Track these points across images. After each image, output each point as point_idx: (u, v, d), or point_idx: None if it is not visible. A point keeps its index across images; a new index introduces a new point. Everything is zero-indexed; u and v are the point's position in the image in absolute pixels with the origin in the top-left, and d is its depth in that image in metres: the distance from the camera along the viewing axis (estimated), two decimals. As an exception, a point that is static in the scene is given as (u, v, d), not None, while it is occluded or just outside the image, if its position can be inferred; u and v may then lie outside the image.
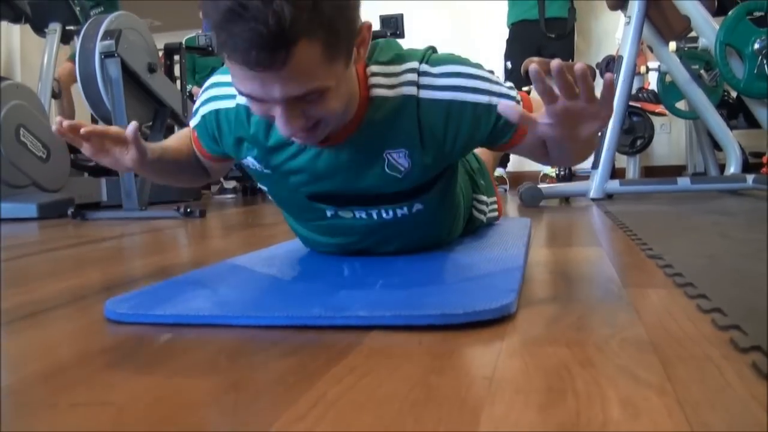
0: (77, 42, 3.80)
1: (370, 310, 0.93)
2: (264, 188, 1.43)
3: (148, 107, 4.00)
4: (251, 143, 1.27)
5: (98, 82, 3.63)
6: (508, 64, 4.60)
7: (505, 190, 4.78)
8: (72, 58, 4.24)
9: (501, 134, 1.25)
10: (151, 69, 3.82)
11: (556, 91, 0.94)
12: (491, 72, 1.26)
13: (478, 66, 1.26)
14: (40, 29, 5.22)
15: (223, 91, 1.27)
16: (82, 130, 1.17)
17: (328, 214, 1.38)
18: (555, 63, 0.89)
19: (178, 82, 4.44)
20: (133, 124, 1.21)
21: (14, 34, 6.29)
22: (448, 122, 1.21)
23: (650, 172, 5.44)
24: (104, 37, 3.56)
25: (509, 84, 1.26)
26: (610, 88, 0.95)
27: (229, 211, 3.99)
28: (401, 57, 1.23)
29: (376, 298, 1.03)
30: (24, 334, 1.00)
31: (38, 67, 5.24)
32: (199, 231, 2.68)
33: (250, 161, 1.31)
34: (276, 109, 1.00)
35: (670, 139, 5.68)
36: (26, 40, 6.22)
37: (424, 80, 1.20)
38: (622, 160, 4.95)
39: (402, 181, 1.28)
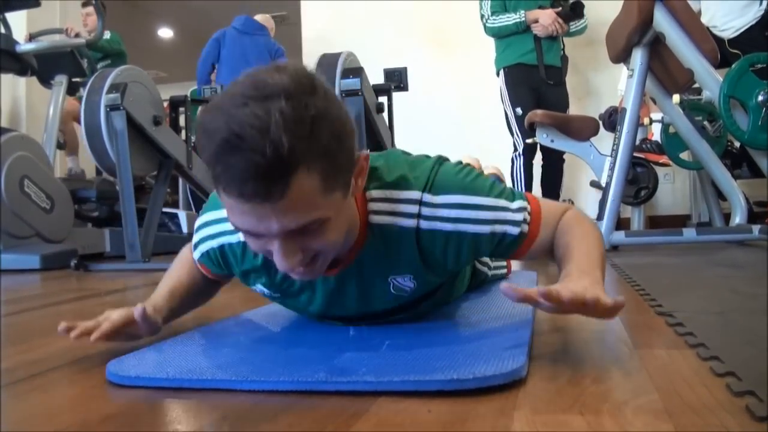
0: (83, 94, 3.83)
1: (378, 374, 0.92)
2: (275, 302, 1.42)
3: (152, 159, 4.02)
4: (258, 275, 1.26)
5: (103, 134, 3.65)
6: (518, 110, 4.57)
7: None
8: (80, 98, 4.26)
9: (505, 252, 1.24)
10: (156, 122, 3.84)
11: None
12: (501, 192, 1.22)
13: (487, 189, 1.21)
14: (46, 81, 5.27)
15: (221, 227, 1.25)
16: (92, 338, 1.15)
17: (338, 324, 1.37)
18: (544, 301, 0.93)
19: (183, 132, 4.46)
20: (138, 310, 1.19)
21: (20, 84, 6.34)
22: (447, 249, 1.19)
23: (655, 222, 5.43)
24: (110, 91, 3.59)
25: (517, 204, 1.21)
26: (616, 309, 0.96)
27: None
28: (404, 182, 1.18)
29: (382, 361, 1.01)
30: (25, 398, 0.98)
31: (44, 118, 5.28)
32: (202, 284, 2.65)
33: (258, 288, 1.30)
34: (273, 244, 0.97)
35: (674, 189, 5.68)
36: (32, 90, 6.27)
37: (426, 211, 1.16)
38: (626, 210, 4.94)
39: (409, 296, 1.28)
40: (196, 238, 1.34)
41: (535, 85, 4.68)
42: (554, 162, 4.82)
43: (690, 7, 3.37)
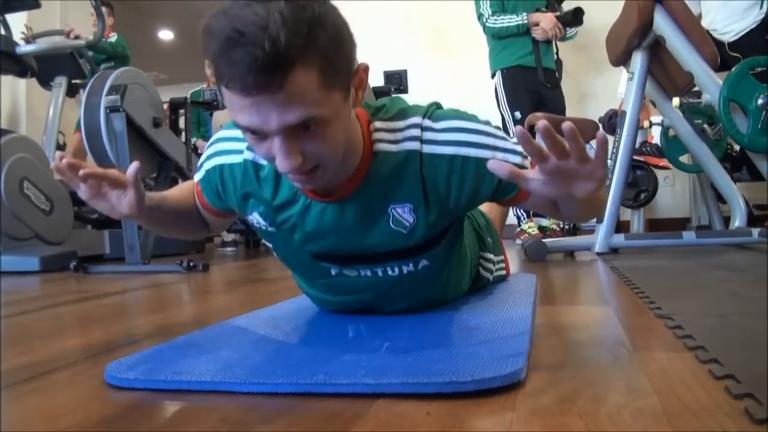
0: (83, 96, 3.83)
1: (376, 377, 0.92)
2: (269, 245, 1.42)
3: (152, 161, 4.02)
4: (258, 199, 1.27)
5: (103, 135, 3.64)
6: (517, 114, 4.54)
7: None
8: (79, 129, 4.27)
9: (506, 189, 1.24)
10: (156, 123, 3.84)
11: (547, 150, 0.93)
12: (498, 128, 1.26)
13: (484, 122, 1.26)
14: (45, 83, 5.27)
15: (230, 145, 1.28)
16: (81, 172, 1.16)
17: (333, 272, 1.38)
18: (541, 124, 0.89)
19: (183, 134, 4.46)
20: (134, 165, 1.20)
21: (20, 86, 6.34)
22: (450, 177, 1.21)
23: (654, 225, 5.43)
24: (110, 92, 3.59)
25: (515, 139, 1.24)
26: (603, 147, 0.96)
27: (233, 265, 3.98)
28: (404, 112, 1.24)
29: (381, 363, 1.01)
30: (24, 400, 0.98)
31: (44, 120, 5.28)
32: (202, 286, 2.67)
33: (255, 217, 1.31)
34: (275, 144, 1.00)
35: (673, 192, 5.68)
36: (32, 92, 6.27)
37: (427, 135, 1.21)
38: (626, 213, 4.94)
39: (407, 237, 1.28)
40: (202, 157, 1.37)
41: (533, 87, 4.65)
42: None
43: (690, 10, 3.37)
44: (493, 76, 4.82)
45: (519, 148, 1.23)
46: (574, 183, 0.97)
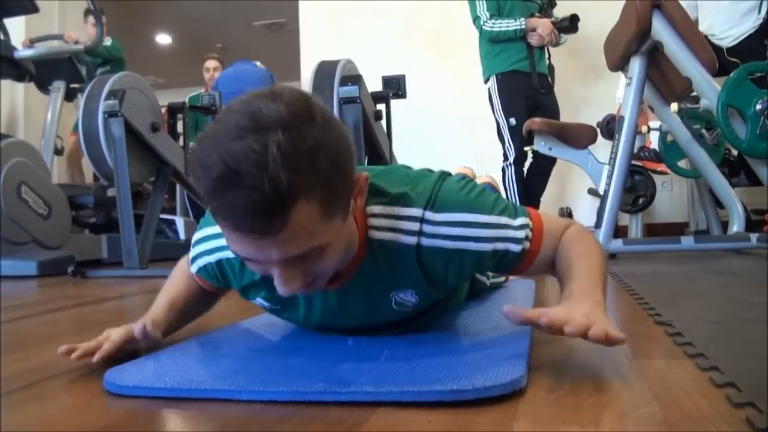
0: (81, 101, 3.83)
1: (376, 385, 0.91)
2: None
3: (150, 165, 4.01)
4: (259, 288, 1.25)
5: (101, 140, 3.65)
6: (512, 120, 4.54)
7: None
8: (76, 130, 4.27)
9: (506, 268, 1.23)
10: (154, 128, 3.84)
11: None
12: (504, 209, 1.21)
13: (490, 206, 1.20)
14: (44, 87, 5.27)
15: (218, 242, 1.23)
16: (95, 359, 1.15)
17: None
18: (543, 323, 0.94)
19: (181, 139, 4.46)
20: (138, 327, 1.20)
21: (18, 90, 6.34)
22: (448, 267, 1.18)
23: (652, 230, 5.43)
24: (108, 97, 3.59)
25: (519, 221, 1.20)
26: (615, 342, 0.95)
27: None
28: (405, 198, 1.17)
29: (381, 371, 1.00)
30: (22, 408, 0.97)
31: (42, 124, 5.28)
32: (200, 291, 2.65)
33: (259, 301, 1.30)
34: (273, 268, 0.97)
35: (671, 197, 5.68)
36: (30, 96, 6.28)
37: (427, 228, 1.15)
38: (624, 218, 4.94)
39: (411, 312, 1.27)
40: (193, 252, 1.33)
41: (527, 93, 4.64)
42: (544, 170, 4.79)
43: (688, 15, 3.38)
44: (486, 81, 4.81)
45: (520, 234, 1.19)
46: None
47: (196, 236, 1.32)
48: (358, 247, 1.14)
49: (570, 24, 4.63)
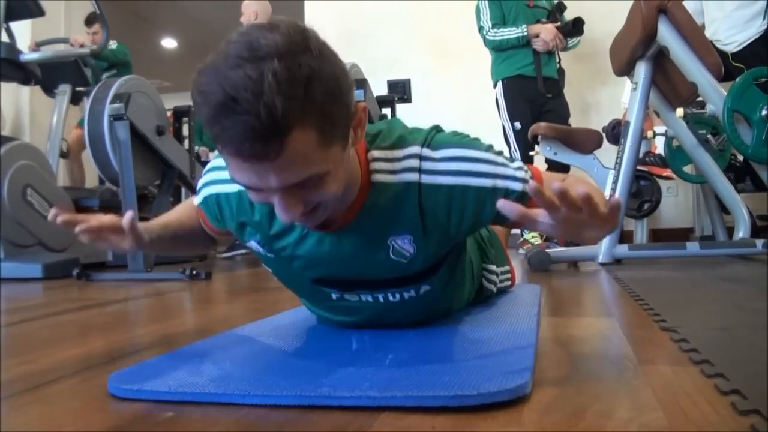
0: (87, 104, 3.83)
1: (381, 389, 0.91)
2: (269, 269, 1.41)
3: (155, 168, 4.02)
4: (254, 228, 1.27)
5: (106, 143, 3.65)
6: (517, 124, 4.54)
7: None
8: (81, 124, 4.29)
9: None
10: (160, 131, 3.84)
11: (557, 202, 0.92)
12: (500, 152, 1.24)
13: (485, 147, 1.23)
14: (49, 90, 5.28)
15: (224, 174, 1.26)
16: (76, 229, 1.20)
17: (334, 296, 1.37)
18: (555, 186, 0.89)
19: (186, 142, 4.47)
20: (128, 215, 1.22)
21: (23, 93, 6.36)
22: (450, 207, 1.19)
23: (658, 235, 5.42)
24: (113, 100, 3.59)
25: (517, 164, 1.23)
26: (615, 210, 0.95)
27: (235, 273, 3.97)
28: (403, 140, 1.21)
29: (386, 375, 1.00)
30: (26, 411, 0.97)
31: (47, 127, 5.29)
32: (204, 295, 2.66)
33: (253, 244, 1.31)
34: (274, 196, 0.99)
35: (677, 202, 5.67)
36: (35, 99, 6.29)
37: (426, 165, 1.18)
38: (629, 224, 4.93)
39: (408, 266, 1.27)
40: (199, 183, 1.36)
41: (533, 97, 4.65)
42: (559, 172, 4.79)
43: (694, 20, 3.38)
44: (494, 86, 4.83)
45: (520, 174, 1.21)
46: (583, 231, 0.98)
47: (206, 168, 1.36)
48: (360, 190, 1.17)
49: (574, 28, 4.63)
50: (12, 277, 3.62)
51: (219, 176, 1.29)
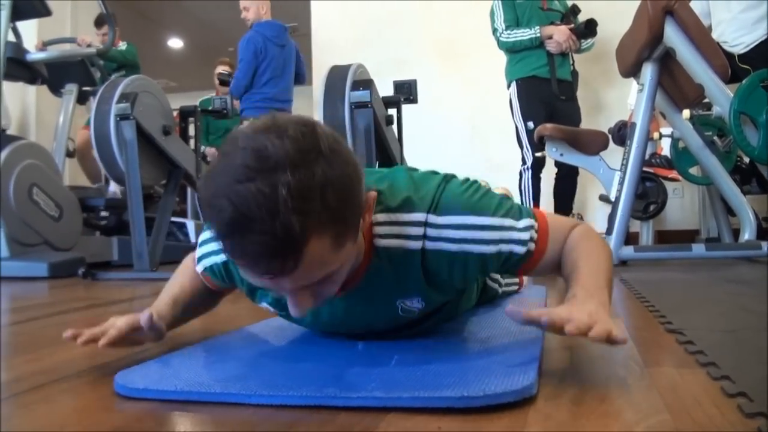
0: (93, 103, 3.84)
1: (387, 390, 0.91)
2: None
3: (161, 168, 4.03)
4: (265, 292, 1.25)
5: (113, 143, 3.66)
6: (530, 124, 4.56)
7: None
8: (88, 125, 4.29)
9: (511, 269, 1.23)
10: (166, 131, 3.85)
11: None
12: (509, 210, 1.20)
13: (493, 208, 1.19)
14: (56, 90, 5.29)
15: None
16: (99, 345, 1.16)
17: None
18: (569, 329, 0.92)
19: (192, 141, 4.47)
20: (145, 316, 1.19)
21: (30, 93, 6.37)
22: (452, 270, 1.18)
23: (663, 237, 5.41)
24: (120, 100, 3.60)
25: (524, 223, 1.19)
26: (619, 342, 0.94)
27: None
28: (409, 203, 1.17)
29: (392, 376, 1.00)
30: (32, 409, 0.97)
31: (53, 127, 5.30)
32: (210, 294, 2.65)
33: (264, 305, 1.30)
34: (286, 293, 0.98)
35: (683, 204, 5.66)
36: (42, 99, 6.30)
37: (431, 232, 1.15)
38: (635, 225, 4.92)
39: (417, 315, 1.27)
40: (199, 252, 1.33)
41: (547, 99, 4.69)
42: (569, 174, 4.82)
43: (701, 21, 3.37)
44: (508, 86, 4.87)
45: (525, 236, 1.18)
46: None
47: (202, 236, 1.33)
48: (364, 256, 1.14)
49: (586, 29, 4.66)
50: (18, 276, 3.63)
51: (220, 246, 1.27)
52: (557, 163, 4.71)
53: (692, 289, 2.39)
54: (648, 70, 3.53)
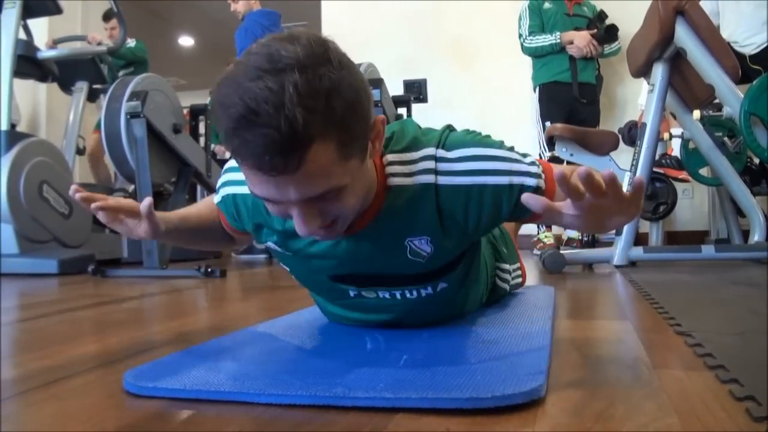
0: (103, 101, 3.86)
1: (395, 391, 0.91)
2: (286, 268, 1.42)
3: (171, 166, 4.04)
4: (270, 229, 1.27)
5: (123, 141, 3.68)
6: (548, 124, 4.62)
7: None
8: (99, 129, 4.30)
9: (524, 209, 1.23)
10: (176, 129, 3.86)
11: (582, 188, 0.93)
12: (511, 148, 1.24)
13: (498, 144, 1.23)
14: (66, 87, 5.31)
15: (241, 176, 1.25)
16: (93, 205, 1.21)
17: (351, 294, 1.37)
18: (582, 170, 0.89)
19: (202, 139, 4.48)
20: (147, 200, 1.23)
21: (40, 90, 6.39)
22: (468, 207, 1.19)
23: (673, 238, 5.40)
24: (130, 98, 3.62)
25: (530, 159, 1.23)
26: (639, 190, 0.95)
27: (250, 272, 3.98)
28: (417, 142, 1.21)
29: (400, 376, 1.00)
30: (41, 406, 0.98)
31: (64, 124, 5.31)
32: (219, 292, 2.67)
33: (270, 244, 1.31)
34: (292, 209, 0.99)
35: (692, 205, 5.64)
36: (52, 96, 6.32)
37: (442, 166, 1.18)
38: (644, 226, 4.91)
39: (425, 265, 1.27)
40: (218, 182, 1.37)
41: (567, 102, 4.79)
42: None
43: (711, 22, 3.36)
44: (534, 90, 5.05)
45: (534, 169, 1.20)
46: (608, 218, 0.99)
47: (224, 168, 1.36)
48: (376, 194, 1.17)
49: (606, 34, 4.75)
50: (28, 273, 3.64)
51: (236, 177, 1.29)
52: (569, 163, 4.73)
53: (701, 290, 2.38)
54: (659, 71, 3.52)
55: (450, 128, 1.27)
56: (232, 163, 1.33)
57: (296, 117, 0.86)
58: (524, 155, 1.24)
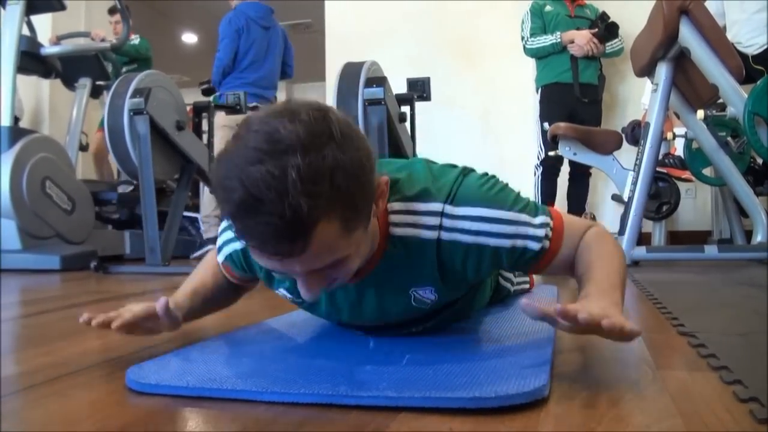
0: (107, 98, 3.86)
1: (398, 390, 0.91)
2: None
3: (174, 163, 4.04)
4: (282, 279, 1.25)
5: (126, 138, 3.67)
6: (546, 125, 4.64)
7: None
8: (102, 128, 4.31)
9: (524, 266, 1.23)
10: (179, 126, 3.86)
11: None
12: (525, 205, 1.20)
13: (510, 202, 1.19)
14: (70, 84, 5.31)
15: None
16: (113, 327, 1.18)
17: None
18: (582, 317, 0.92)
19: (206, 136, 4.47)
20: (161, 301, 1.20)
21: (44, 86, 6.39)
22: (466, 262, 1.17)
23: (676, 237, 5.39)
24: (134, 95, 3.62)
25: (539, 220, 1.18)
26: (633, 335, 0.95)
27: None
28: (426, 193, 1.16)
29: (403, 375, 1.00)
30: (43, 403, 0.98)
31: (67, 120, 5.32)
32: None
33: (281, 291, 1.30)
34: (297, 275, 0.99)
35: (695, 205, 5.63)
36: (55, 92, 6.32)
37: (447, 222, 1.15)
38: (647, 225, 4.90)
39: (430, 308, 1.27)
40: (220, 241, 1.34)
41: (568, 102, 4.80)
42: (580, 175, 4.94)
43: (716, 22, 3.35)
44: (537, 91, 5.07)
45: (540, 233, 1.18)
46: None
47: (222, 224, 1.34)
48: (379, 243, 1.15)
49: (606, 31, 4.76)
50: (30, 269, 3.65)
51: None
52: (570, 165, 4.74)
53: (704, 290, 2.38)
54: (662, 70, 3.51)
55: (465, 174, 1.22)
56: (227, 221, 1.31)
57: (300, 204, 0.84)
58: (536, 213, 1.20)
